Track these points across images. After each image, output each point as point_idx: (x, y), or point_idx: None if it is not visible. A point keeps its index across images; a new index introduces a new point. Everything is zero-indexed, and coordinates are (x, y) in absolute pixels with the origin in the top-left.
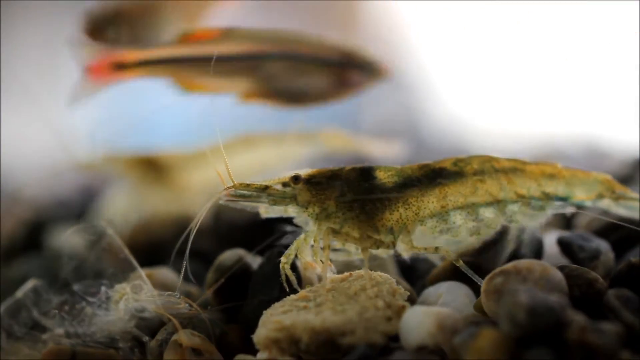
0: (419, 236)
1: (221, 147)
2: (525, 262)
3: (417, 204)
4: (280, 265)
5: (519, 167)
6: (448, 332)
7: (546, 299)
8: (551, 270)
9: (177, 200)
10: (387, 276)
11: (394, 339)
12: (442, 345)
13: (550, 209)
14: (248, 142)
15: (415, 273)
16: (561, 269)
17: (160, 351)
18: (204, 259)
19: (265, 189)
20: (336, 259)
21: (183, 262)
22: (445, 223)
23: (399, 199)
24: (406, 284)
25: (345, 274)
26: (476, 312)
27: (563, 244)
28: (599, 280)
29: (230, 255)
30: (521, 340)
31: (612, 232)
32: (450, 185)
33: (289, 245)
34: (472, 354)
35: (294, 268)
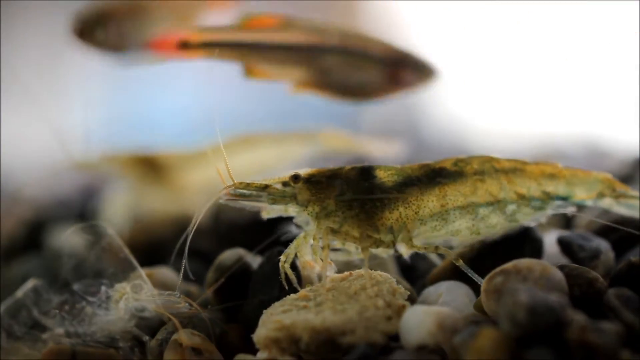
0: (419, 235)
1: (221, 146)
2: (525, 262)
3: (417, 203)
4: (280, 265)
5: (519, 167)
6: (448, 331)
7: (546, 299)
8: (551, 270)
9: (176, 200)
10: (387, 275)
11: (394, 339)
12: (442, 345)
13: (550, 209)
14: (248, 142)
15: (415, 272)
16: (561, 268)
17: (160, 351)
18: (204, 258)
19: (265, 188)
20: (336, 258)
21: (182, 262)
22: (445, 222)
23: (398, 198)
24: (406, 284)
25: (345, 273)
26: (476, 311)
27: (563, 243)
28: (599, 280)
29: (230, 254)
30: (521, 339)
31: (612, 231)
32: (450, 184)
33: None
34: (472, 354)
35: (294, 267)
